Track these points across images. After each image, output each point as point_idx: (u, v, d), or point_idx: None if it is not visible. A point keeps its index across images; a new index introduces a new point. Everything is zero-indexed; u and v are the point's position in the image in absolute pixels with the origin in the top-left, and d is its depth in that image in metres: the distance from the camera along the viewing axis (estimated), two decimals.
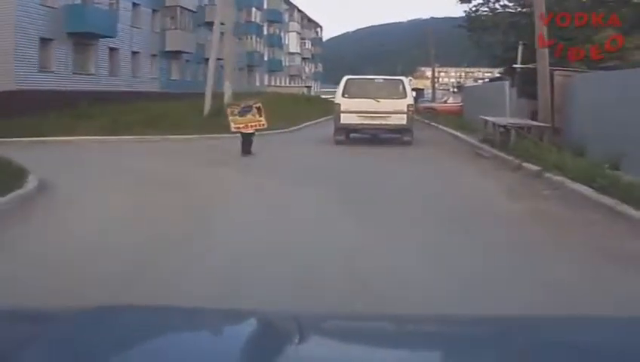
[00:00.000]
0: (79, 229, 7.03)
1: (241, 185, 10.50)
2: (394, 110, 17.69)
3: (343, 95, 18.21)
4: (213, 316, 1.82)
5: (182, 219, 7.57)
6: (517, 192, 9.82)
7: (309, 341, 1.45)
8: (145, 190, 9.77)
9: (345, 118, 17.89)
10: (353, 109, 17.67)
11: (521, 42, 23.44)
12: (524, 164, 11.98)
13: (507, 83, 22.68)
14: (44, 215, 7.97)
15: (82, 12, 27.41)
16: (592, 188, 8.86)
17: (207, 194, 9.52)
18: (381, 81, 19.65)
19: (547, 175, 10.64)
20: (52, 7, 26.47)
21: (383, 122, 17.75)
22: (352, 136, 18.79)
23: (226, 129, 15.87)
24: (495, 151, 14.80)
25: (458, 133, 21.35)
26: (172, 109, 25.37)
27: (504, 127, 15.42)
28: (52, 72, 26.70)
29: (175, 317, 1.73)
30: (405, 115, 17.81)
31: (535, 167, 11.38)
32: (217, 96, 25.17)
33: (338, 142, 18.07)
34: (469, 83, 65.05)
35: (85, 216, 7.80)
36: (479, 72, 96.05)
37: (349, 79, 18.82)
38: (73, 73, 28.30)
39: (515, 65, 21.36)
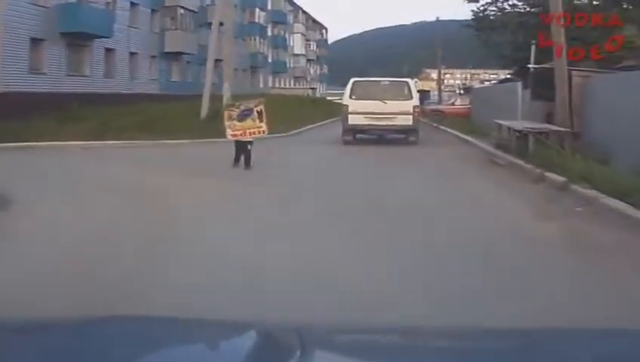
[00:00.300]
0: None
1: (225, 204, 9.21)
2: (400, 111, 18.04)
3: (350, 97, 18.59)
4: (212, 327, 1.77)
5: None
6: (544, 209, 8.56)
7: (311, 354, 1.39)
8: (105, 210, 8.41)
9: (352, 119, 18.23)
10: (360, 111, 18.05)
11: (533, 42, 22.40)
12: (547, 174, 10.81)
13: (519, 84, 21.62)
14: None
15: (76, 11, 26.20)
16: (628, 203, 7.73)
17: (175, 217, 7.98)
18: (387, 83, 19.95)
19: (574, 187, 9.48)
20: (44, 7, 25.34)
21: (390, 123, 18.08)
22: (358, 136, 18.48)
23: (223, 133, 14.43)
24: (511, 159, 13.62)
25: (469, 138, 20.23)
26: (169, 112, 24.47)
27: (521, 131, 14.17)
28: (44, 73, 25.55)
29: (174, 329, 1.68)
30: (411, 116, 18.22)
31: (560, 178, 10.18)
32: (216, 98, 24.19)
33: (346, 143, 18.36)
34: (476, 84, 64.13)
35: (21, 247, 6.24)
36: (485, 73, 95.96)
37: (355, 81, 19.17)
38: (67, 75, 27.14)
39: (529, 65, 20.21)
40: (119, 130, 19.40)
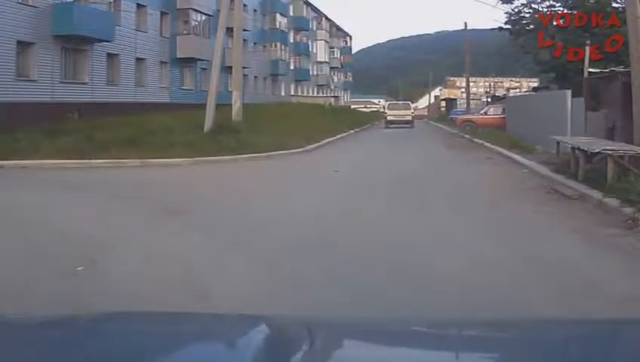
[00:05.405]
0: None
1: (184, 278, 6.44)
2: (405, 114, 42.86)
3: (387, 109, 45.41)
4: (222, 321, 1.77)
5: None
6: None
7: (320, 346, 1.37)
8: None
9: (388, 118, 42.86)
10: (390, 114, 43.38)
11: (587, 42, 19.57)
12: None
13: (569, 92, 18.84)
14: None
15: (71, 12, 23.54)
16: None
17: None
18: (400, 102, 49.22)
19: None
20: (34, 7, 22.75)
21: (402, 119, 41.89)
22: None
23: (228, 150, 12.59)
24: (581, 189, 10.60)
25: (516, 156, 17.19)
26: (171, 123, 21.85)
27: (594, 153, 10.96)
28: (33, 80, 22.95)
29: (185, 323, 1.69)
30: (410, 116, 42.98)
31: None
32: (226, 108, 21.62)
33: (386, 127, 40.95)
34: (498, 93, 61.74)
35: None
36: (511, 81, 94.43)
37: (389, 102, 49.85)
38: (61, 82, 24.51)
39: (591, 70, 17.27)
40: (106, 146, 16.75)
